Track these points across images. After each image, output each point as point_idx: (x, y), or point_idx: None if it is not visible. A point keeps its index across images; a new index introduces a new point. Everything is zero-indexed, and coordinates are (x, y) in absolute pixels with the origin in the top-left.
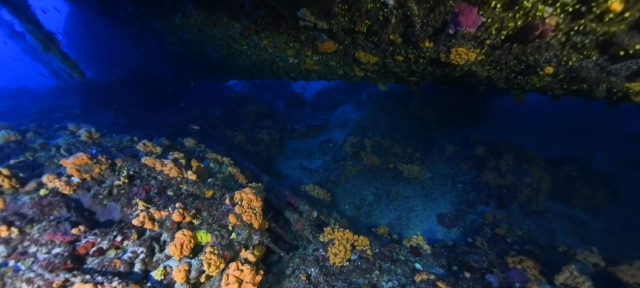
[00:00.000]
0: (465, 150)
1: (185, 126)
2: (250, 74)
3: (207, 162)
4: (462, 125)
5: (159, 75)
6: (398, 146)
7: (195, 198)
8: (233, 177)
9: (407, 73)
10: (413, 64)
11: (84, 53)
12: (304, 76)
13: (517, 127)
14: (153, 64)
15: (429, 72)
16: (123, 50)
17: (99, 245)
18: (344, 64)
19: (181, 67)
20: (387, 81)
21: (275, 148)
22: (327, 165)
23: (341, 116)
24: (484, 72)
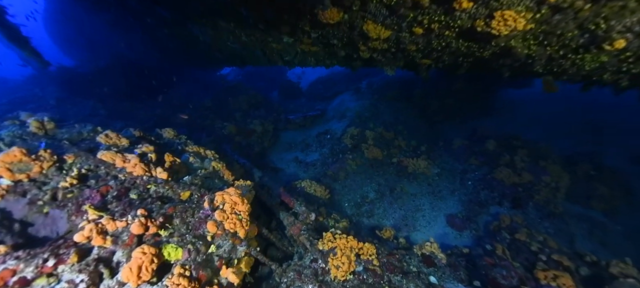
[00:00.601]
0: (475, 144)
1: (172, 116)
2: (242, 59)
3: (186, 156)
4: (467, 117)
5: (145, 63)
6: (401, 138)
7: (165, 201)
8: (217, 173)
9: (423, 53)
10: (435, 39)
11: (64, 39)
12: (300, 60)
13: (524, 120)
14: (138, 51)
15: (451, 50)
16: (106, 37)
17: (21, 273)
18: (348, 42)
19: (168, 55)
20: (395, 64)
21: (269, 140)
22: (325, 159)
23: (339, 106)
24: (524, 48)
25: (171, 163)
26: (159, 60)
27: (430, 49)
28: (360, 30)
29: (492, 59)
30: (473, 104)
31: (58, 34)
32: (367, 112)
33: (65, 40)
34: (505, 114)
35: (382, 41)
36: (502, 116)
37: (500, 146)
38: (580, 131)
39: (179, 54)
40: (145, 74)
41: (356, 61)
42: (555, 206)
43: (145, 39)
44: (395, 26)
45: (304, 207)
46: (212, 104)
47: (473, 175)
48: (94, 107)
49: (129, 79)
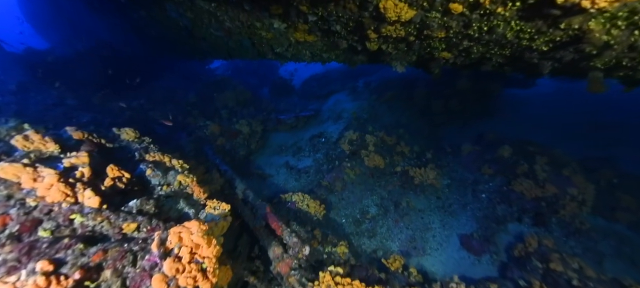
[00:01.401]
0: (487, 151)
1: (151, 111)
2: (228, 50)
3: (142, 168)
4: (470, 118)
5: (126, 52)
6: (404, 143)
7: (93, 242)
8: (183, 191)
9: (449, 43)
10: (478, 21)
11: (42, 21)
12: (294, 54)
13: (529, 122)
14: (120, 38)
15: (491, 38)
16: (87, 21)
17: None
18: (355, 27)
19: (150, 43)
20: (407, 59)
21: (257, 141)
22: (319, 165)
23: (335, 106)
24: (603, 33)
25: (113, 181)
26: (141, 48)
27: (463, 36)
28: (375, 7)
29: (542, 52)
30: (476, 105)
31: (34, 13)
32: (365, 113)
33: (42, 20)
34: (509, 116)
35: (401, 25)
36: (506, 118)
37: (515, 153)
38: (589, 133)
39: (161, 43)
40: (126, 63)
41: (359, 55)
42: (581, 222)
43: (125, 24)
44: (425, 2)
45: (296, 236)
46: (196, 99)
47: (487, 187)
48: (60, 96)
49: (107, 67)
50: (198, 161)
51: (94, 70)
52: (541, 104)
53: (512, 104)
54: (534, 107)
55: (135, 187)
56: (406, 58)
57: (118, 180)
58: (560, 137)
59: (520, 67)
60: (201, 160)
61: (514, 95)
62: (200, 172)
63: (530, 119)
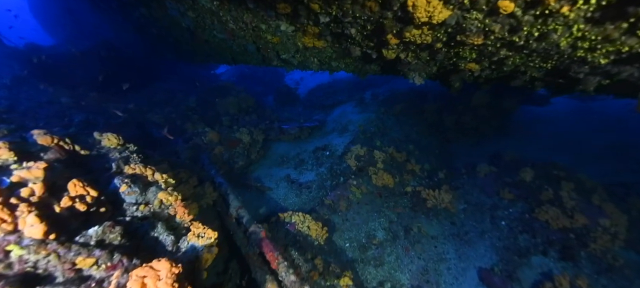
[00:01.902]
0: (506, 173)
1: (149, 113)
2: (232, 54)
3: (116, 183)
4: (483, 136)
5: (129, 52)
6: (414, 161)
7: (32, 282)
8: (164, 212)
9: (481, 54)
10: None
11: (49, 18)
12: (301, 61)
13: (546, 143)
14: (124, 38)
15: (540, 48)
16: (93, 20)
17: None
18: (373, 30)
19: (153, 44)
20: (428, 70)
21: (258, 152)
22: (322, 181)
23: (341, 118)
24: None
25: (73, 201)
26: (144, 49)
27: (505, 43)
28: (402, 6)
29: (596, 65)
30: (491, 122)
31: (42, 10)
32: (373, 126)
33: (50, 18)
34: (525, 135)
35: (429, 29)
36: (522, 137)
37: (538, 176)
38: (609, 155)
39: (164, 44)
40: (127, 63)
41: (372, 64)
42: (614, 257)
43: (128, 23)
44: (466, 0)
45: (293, 273)
46: (197, 104)
47: (507, 213)
48: (55, 94)
49: (108, 67)
50: (192, 171)
51: (95, 69)
52: (558, 122)
53: (527, 122)
54: (551, 125)
55: (102, 207)
56: (426, 69)
57: (80, 199)
58: (581, 160)
59: (554, 83)
60: (196, 170)
61: (529, 112)
62: (192, 184)
63: (547, 139)
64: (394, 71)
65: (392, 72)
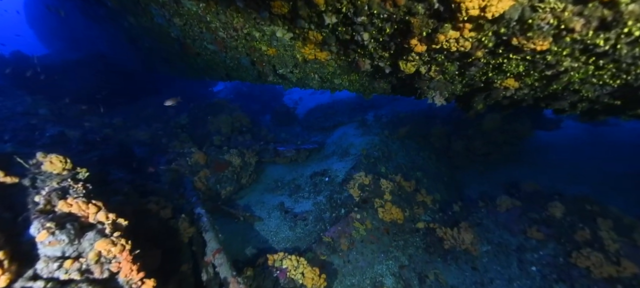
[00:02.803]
0: (532, 207)
1: (133, 129)
2: (225, 68)
3: (34, 228)
4: (494, 163)
5: (120, 66)
6: (424, 191)
7: None
8: (103, 268)
9: (533, 66)
10: (633, 19)
11: (44, 28)
12: (300, 77)
13: (559, 170)
14: (117, 51)
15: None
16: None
17: None
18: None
19: (146, 59)
20: (453, 88)
21: (249, 175)
22: (321, 212)
23: (341, 140)
24: None
25: None
26: (137, 63)
27: (578, 50)
28: None
29: None
30: (503, 148)
31: (38, 20)
32: (377, 151)
33: (45, 28)
34: (537, 162)
35: (474, 29)
36: (534, 164)
37: (569, 212)
38: (630, 186)
39: (156, 58)
40: (120, 77)
41: (382, 81)
42: None
43: (119, 34)
44: None
45: None
46: (188, 121)
47: (537, 257)
48: (34, 104)
49: (97, 80)
50: (168, 199)
51: (83, 81)
52: (570, 149)
53: (538, 148)
54: (564, 152)
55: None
56: (449, 87)
57: None
58: (601, 191)
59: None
60: (175, 197)
61: (539, 137)
62: (164, 216)
63: (562, 167)
64: (406, 90)
65: (403, 92)
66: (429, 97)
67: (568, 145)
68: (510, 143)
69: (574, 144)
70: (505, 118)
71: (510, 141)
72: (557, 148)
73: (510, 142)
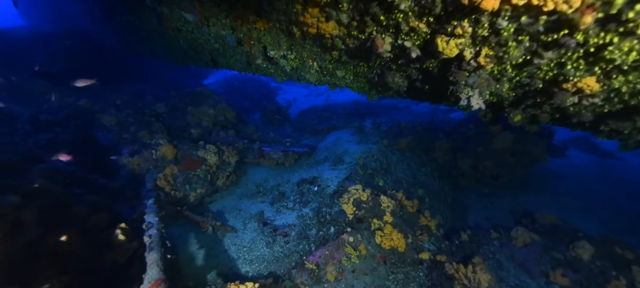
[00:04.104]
0: (555, 245)
1: (101, 113)
2: (210, 51)
3: None
4: (500, 187)
5: (101, 44)
6: (428, 213)
7: None
8: None
9: None
10: None
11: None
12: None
13: (567, 201)
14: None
15: None
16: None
17: None
18: None
19: (127, 37)
20: (499, 87)
21: (227, 177)
22: (306, 227)
23: (335, 146)
24: None
25: None
26: (119, 45)
27: None
28: None
29: None
30: (514, 171)
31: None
32: (374, 161)
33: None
34: (546, 190)
35: None
36: (542, 192)
37: (598, 255)
38: None
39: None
40: (97, 56)
41: (399, 74)
42: None
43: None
44: None
45: None
46: (166, 110)
47: None
48: None
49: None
50: (118, 199)
51: (53, 57)
52: (577, 180)
53: (545, 175)
54: (571, 182)
55: None
56: (494, 86)
57: None
58: (613, 229)
59: None
60: (128, 198)
61: (545, 164)
62: (100, 224)
63: (569, 198)
64: (426, 90)
65: (421, 93)
66: (463, 98)
67: (575, 175)
68: (522, 166)
69: (581, 175)
70: (518, 138)
71: (521, 164)
72: (565, 177)
73: (522, 165)
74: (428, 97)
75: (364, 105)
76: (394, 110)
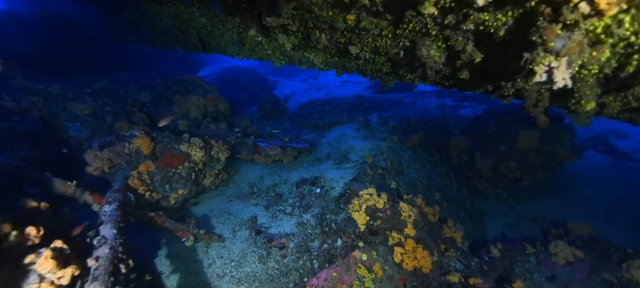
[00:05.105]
0: (603, 263)
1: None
2: (197, 29)
3: None
4: (519, 191)
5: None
6: (451, 223)
7: None
8: None
9: None
10: None
11: None
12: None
13: (591, 207)
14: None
15: None
16: None
17: None
18: None
19: (112, 21)
20: (599, 56)
21: (216, 175)
22: (307, 237)
23: (339, 142)
24: None
25: None
26: (107, 32)
27: None
28: None
29: None
30: (537, 174)
31: None
32: (384, 159)
33: None
34: (568, 195)
35: None
36: (565, 197)
37: None
38: None
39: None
40: (80, 41)
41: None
42: None
43: None
44: None
45: None
46: (151, 99)
47: None
48: None
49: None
50: (69, 204)
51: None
52: (601, 183)
53: (565, 178)
54: (593, 186)
55: None
56: (589, 53)
57: None
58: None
59: None
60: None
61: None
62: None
63: (592, 203)
64: (471, 70)
65: (459, 79)
66: (539, 72)
67: (595, 177)
68: (547, 168)
69: (601, 177)
70: (543, 137)
71: (546, 166)
72: (584, 180)
73: (547, 168)
74: (467, 81)
75: (367, 100)
76: (399, 105)
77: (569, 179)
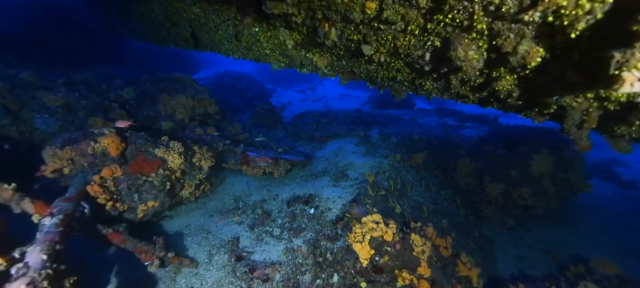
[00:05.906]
0: None
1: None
2: (188, 19)
3: None
4: (527, 220)
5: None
6: (465, 257)
7: None
8: None
9: None
10: None
11: None
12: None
13: (602, 239)
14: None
15: None
16: None
17: None
18: None
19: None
20: None
21: (195, 186)
22: (296, 268)
23: (337, 156)
24: None
25: None
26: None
27: None
28: None
29: None
30: (550, 202)
31: None
32: (386, 179)
33: None
34: (579, 225)
35: None
36: (576, 228)
37: None
38: None
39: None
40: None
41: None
42: None
43: None
44: None
45: None
46: (133, 97)
47: None
48: None
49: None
50: None
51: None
52: (609, 213)
53: (574, 208)
54: (602, 216)
55: None
56: None
57: None
58: None
59: None
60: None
61: None
62: None
63: (603, 235)
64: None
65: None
66: (629, 80)
67: (603, 206)
68: (561, 197)
69: (609, 207)
70: (557, 163)
71: (563, 195)
72: (593, 209)
73: (561, 196)
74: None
75: (366, 114)
76: (400, 121)
77: (577, 208)
